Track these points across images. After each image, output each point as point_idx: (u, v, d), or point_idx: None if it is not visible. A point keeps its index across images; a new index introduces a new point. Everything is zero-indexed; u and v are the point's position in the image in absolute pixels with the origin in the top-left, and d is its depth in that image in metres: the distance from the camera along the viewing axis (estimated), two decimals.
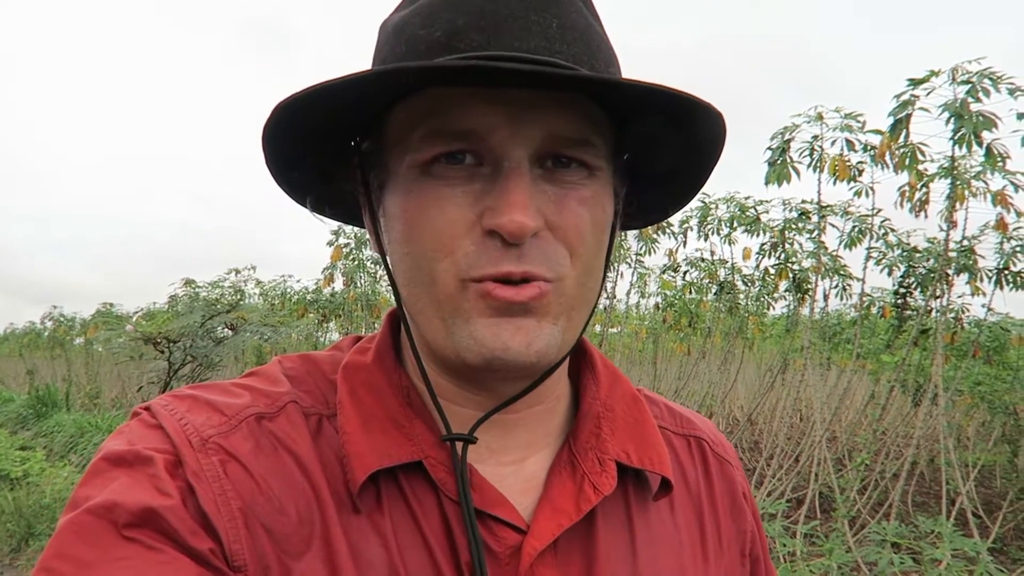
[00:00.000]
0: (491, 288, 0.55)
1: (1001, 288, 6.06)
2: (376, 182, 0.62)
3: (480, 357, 0.56)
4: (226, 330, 6.98)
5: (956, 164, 4.96)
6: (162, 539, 0.51)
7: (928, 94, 4.80)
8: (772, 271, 7.50)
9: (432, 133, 0.56)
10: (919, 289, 6.53)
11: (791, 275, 7.17)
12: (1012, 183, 5.01)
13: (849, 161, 5.66)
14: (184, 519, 0.52)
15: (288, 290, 11.89)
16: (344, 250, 9.14)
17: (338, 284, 9.88)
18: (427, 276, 0.57)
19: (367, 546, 0.57)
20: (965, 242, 5.66)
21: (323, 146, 0.63)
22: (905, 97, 4.87)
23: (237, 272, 11.10)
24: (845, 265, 6.94)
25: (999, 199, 5.19)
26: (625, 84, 0.52)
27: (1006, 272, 6.02)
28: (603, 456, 0.66)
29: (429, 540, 0.58)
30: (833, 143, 5.66)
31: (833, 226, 6.55)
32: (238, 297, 8.53)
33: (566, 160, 0.58)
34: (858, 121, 5.53)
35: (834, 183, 5.73)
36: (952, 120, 4.71)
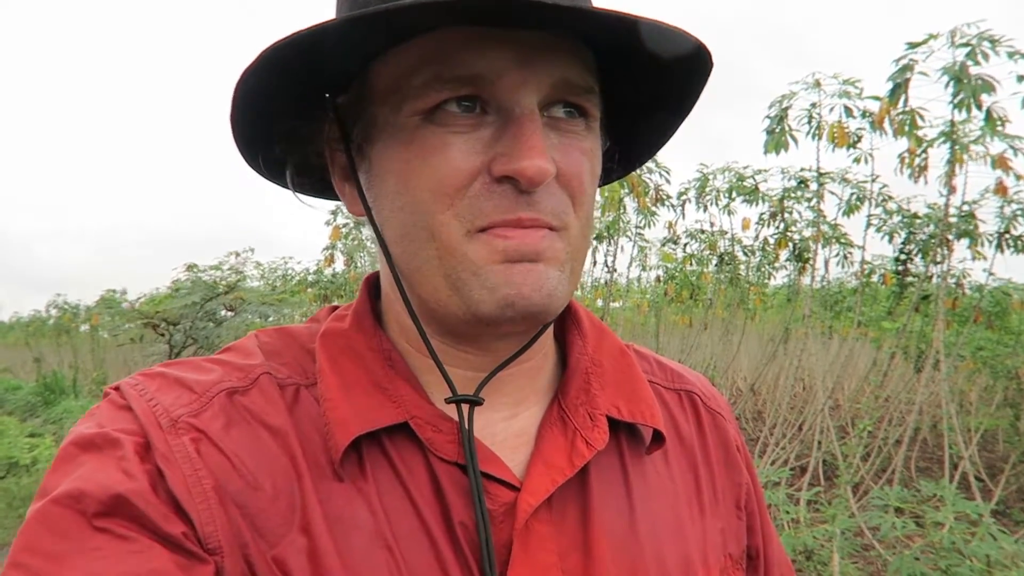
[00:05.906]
0: (501, 231, 0.54)
1: (1002, 252, 6.04)
2: (359, 137, 0.59)
3: (495, 305, 0.55)
4: (226, 312, 7.00)
5: (955, 128, 4.92)
6: (133, 526, 0.49)
7: (927, 58, 4.75)
8: (772, 241, 7.48)
9: (437, 78, 0.53)
10: (920, 255, 6.50)
11: (791, 244, 7.15)
12: (1012, 147, 4.96)
13: (848, 128, 5.61)
14: (154, 504, 0.51)
15: (288, 272, 11.90)
16: (343, 230, 9.12)
17: (339, 265, 9.87)
18: (425, 231, 0.55)
19: (350, 512, 0.55)
20: (965, 207, 5.62)
21: (290, 108, 0.60)
22: (904, 61, 4.82)
23: (237, 255, 11.11)
24: (845, 233, 6.91)
25: (999, 163, 5.15)
26: (651, 23, 0.50)
27: (1007, 236, 5.99)
28: (594, 411, 0.65)
29: (417, 502, 0.57)
30: (831, 110, 5.63)
31: (832, 193, 6.52)
32: (237, 279, 8.52)
33: (571, 108, 0.56)
34: (856, 87, 5.48)
35: (833, 150, 5.70)
36: (951, 84, 4.65)
